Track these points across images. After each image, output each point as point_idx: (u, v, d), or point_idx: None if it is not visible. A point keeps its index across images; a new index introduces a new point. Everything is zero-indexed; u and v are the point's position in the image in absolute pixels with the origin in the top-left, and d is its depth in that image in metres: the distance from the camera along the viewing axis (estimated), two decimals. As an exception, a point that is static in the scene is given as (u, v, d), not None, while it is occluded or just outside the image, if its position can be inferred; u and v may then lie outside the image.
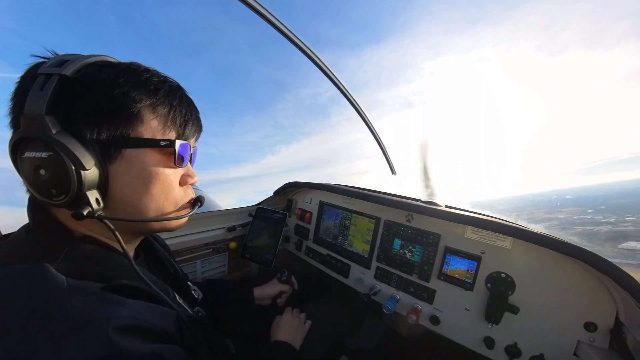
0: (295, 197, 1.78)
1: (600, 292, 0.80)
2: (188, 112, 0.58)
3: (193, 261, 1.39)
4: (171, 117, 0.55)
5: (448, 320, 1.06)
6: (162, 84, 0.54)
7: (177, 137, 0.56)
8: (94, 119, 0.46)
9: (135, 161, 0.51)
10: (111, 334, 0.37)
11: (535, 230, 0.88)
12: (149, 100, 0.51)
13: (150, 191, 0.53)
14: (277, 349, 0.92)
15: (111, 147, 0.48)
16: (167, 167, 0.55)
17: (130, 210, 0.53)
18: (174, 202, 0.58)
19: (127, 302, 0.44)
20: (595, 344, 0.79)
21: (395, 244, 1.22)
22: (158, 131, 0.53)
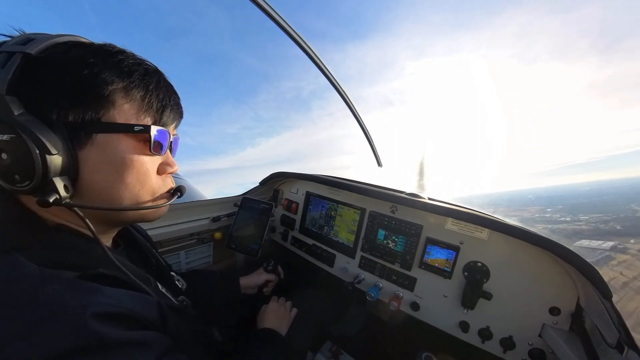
0: (282, 187, 1.77)
1: (564, 280, 0.86)
2: (166, 97, 0.56)
3: (177, 252, 1.37)
4: (147, 101, 0.52)
5: (427, 307, 1.11)
6: (137, 66, 0.51)
7: (153, 122, 0.53)
8: (61, 101, 0.44)
9: (107, 147, 0.48)
10: (89, 321, 0.36)
11: (510, 223, 0.93)
12: (121, 83, 0.48)
13: (124, 179, 0.50)
14: (263, 335, 0.94)
15: (81, 131, 0.45)
16: (142, 154, 0.52)
17: (104, 198, 0.50)
18: (150, 191, 0.56)
19: (105, 290, 0.43)
20: (558, 327, 0.86)
21: (380, 235, 1.25)
22: (132, 116, 0.50)
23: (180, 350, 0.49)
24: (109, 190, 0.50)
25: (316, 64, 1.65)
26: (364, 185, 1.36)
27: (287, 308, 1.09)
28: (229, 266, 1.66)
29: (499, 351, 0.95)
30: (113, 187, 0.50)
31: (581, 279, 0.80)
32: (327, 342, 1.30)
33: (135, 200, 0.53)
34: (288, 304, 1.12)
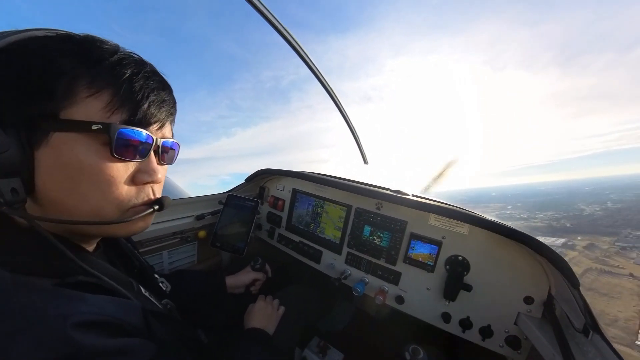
0: (268, 184, 1.75)
1: (537, 271, 0.92)
2: (146, 91, 0.47)
3: (159, 252, 1.33)
4: (119, 96, 0.44)
5: (411, 300, 1.15)
6: (109, 54, 0.45)
7: (124, 121, 0.45)
8: (9, 93, 0.39)
9: (63, 148, 0.41)
10: (69, 331, 0.35)
11: (489, 219, 0.97)
12: (85, 72, 0.42)
13: (79, 187, 0.43)
14: (250, 335, 0.93)
15: (36, 128, 0.40)
16: (105, 158, 0.44)
17: (59, 208, 0.44)
18: (115, 202, 0.47)
19: (86, 297, 0.41)
20: (531, 315, 0.92)
21: (365, 231, 1.27)
22: (97, 113, 0.43)
23: (166, 356, 0.48)
24: (64, 200, 0.44)
25: (300, 55, 1.62)
26: (350, 182, 1.37)
27: (274, 306, 1.09)
28: (214, 265, 1.63)
29: (478, 339, 1.00)
30: (67, 197, 0.44)
31: (552, 270, 0.86)
32: (314, 338, 1.31)
33: (97, 213, 0.46)
34: (275, 302, 1.12)
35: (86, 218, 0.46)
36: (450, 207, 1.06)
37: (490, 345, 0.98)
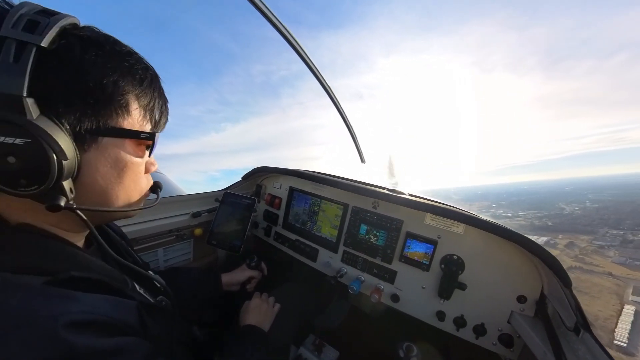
0: (265, 182, 1.75)
1: (530, 271, 0.93)
2: (164, 104, 0.59)
3: (154, 249, 1.32)
4: (150, 108, 0.54)
5: (406, 298, 1.16)
6: (145, 72, 0.53)
7: (152, 127, 0.56)
8: (78, 106, 0.43)
9: (111, 150, 0.49)
10: (61, 332, 0.34)
11: (484, 219, 0.98)
12: (135, 91, 0.50)
13: (123, 181, 0.53)
14: (246, 333, 0.93)
15: (86, 134, 0.45)
16: (139, 156, 0.55)
17: (98, 199, 0.51)
18: (139, 190, 0.58)
19: (79, 296, 0.41)
20: (524, 313, 0.94)
21: (362, 229, 1.28)
22: (137, 122, 0.52)
23: (161, 354, 0.48)
24: (108, 192, 0.51)
25: (295, 49, 1.57)
26: (347, 181, 1.37)
27: (269, 304, 1.09)
28: (210, 263, 1.63)
29: (472, 337, 1.01)
30: (112, 189, 0.51)
31: (545, 269, 0.87)
32: (310, 335, 1.32)
33: (128, 200, 0.56)
34: (271, 299, 1.12)
35: (121, 205, 0.54)
36: (447, 207, 1.06)
37: (484, 343, 1.00)
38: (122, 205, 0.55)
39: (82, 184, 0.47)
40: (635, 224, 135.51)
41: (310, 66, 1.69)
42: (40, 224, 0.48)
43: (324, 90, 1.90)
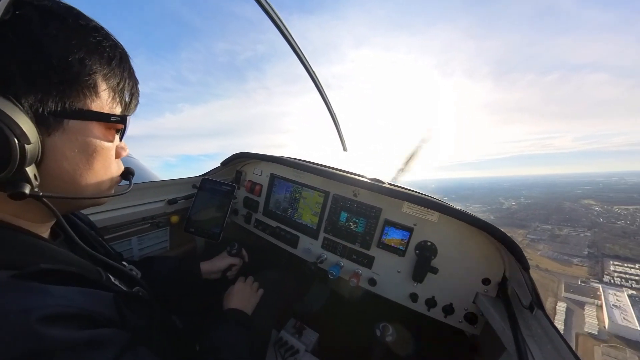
0: (245, 168, 1.71)
1: (495, 256, 1.01)
2: (134, 85, 0.56)
3: (127, 238, 1.26)
4: (119, 89, 0.51)
5: (383, 282, 1.22)
6: (114, 50, 0.49)
7: (122, 110, 0.53)
8: (40, 86, 0.39)
9: (79, 134, 0.46)
10: (34, 325, 0.33)
11: (457, 208, 1.04)
12: (103, 71, 0.47)
13: (93, 167, 0.50)
14: (229, 316, 0.95)
15: (50, 117, 0.42)
16: (109, 141, 0.52)
17: (65, 186, 0.48)
18: (110, 176, 0.55)
19: (51, 289, 0.39)
20: (488, 294, 1.03)
21: (342, 217, 1.31)
22: (107, 104, 0.49)
23: (140, 343, 0.47)
24: (76, 178, 0.48)
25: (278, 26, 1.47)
26: (329, 169, 1.38)
27: (253, 288, 1.10)
28: (188, 251, 1.60)
29: (441, 316, 1.10)
30: (81, 175, 0.49)
31: (508, 254, 0.95)
32: (291, 319, 1.36)
33: (99, 187, 0.53)
34: (255, 284, 1.13)
35: (91, 192, 0.52)
36: (423, 196, 1.11)
37: (451, 321, 1.09)
38: (92, 193, 0.52)
39: (48, 170, 0.44)
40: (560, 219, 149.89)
41: (294, 46, 1.60)
42: (1, 214, 0.45)
43: (308, 74, 1.83)
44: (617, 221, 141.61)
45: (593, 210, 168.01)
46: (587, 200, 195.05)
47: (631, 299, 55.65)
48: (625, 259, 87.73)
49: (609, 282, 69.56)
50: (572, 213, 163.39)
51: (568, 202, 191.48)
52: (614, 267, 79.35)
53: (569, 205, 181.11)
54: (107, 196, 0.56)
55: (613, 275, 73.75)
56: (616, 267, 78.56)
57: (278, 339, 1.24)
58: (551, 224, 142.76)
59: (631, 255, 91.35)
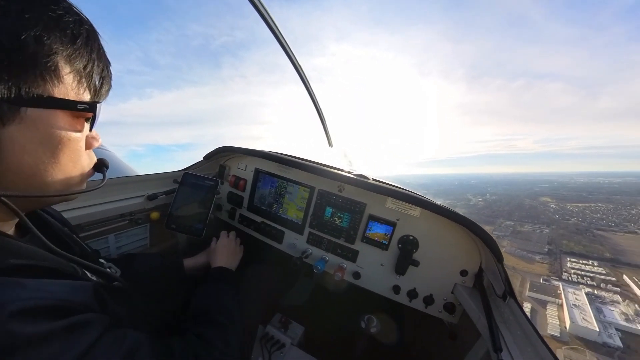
0: (229, 163, 1.67)
1: (472, 249, 1.07)
2: (105, 67, 0.50)
3: (104, 236, 1.21)
4: (87, 73, 0.46)
5: (367, 275, 1.25)
6: (78, 27, 0.43)
7: (91, 96, 0.48)
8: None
9: (40, 124, 0.41)
10: (7, 320, 0.32)
11: (438, 203, 1.07)
12: (66, 51, 0.41)
13: (59, 160, 0.45)
14: (217, 275, 0.96)
15: (4, 104, 0.37)
16: (77, 131, 0.47)
17: (29, 182, 0.43)
18: (80, 169, 0.51)
19: (25, 282, 0.38)
20: (465, 285, 1.08)
21: (327, 212, 1.32)
22: (72, 90, 0.44)
23: (122, 327, 0.47)
24: (40, 173, 0.44)
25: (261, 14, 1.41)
26: (314, 164, 1.38)
27: (237, 243, 1.12)
28: (170, 248, 1.55)
29: (421, 307, 1.15)
30: (45, 170, 0.44)
31: (484, 247, 1.00)
32: (276, 314, 1.36)
33: (67, 182, 0.49)
34: (237, 239, 1.14)
35: (58, 189, 0.48)
36: (406, 192, 1.14)
37: (431, 311, 1.14)
38: (60, 189, 0.48)
39: (6, 165, 0.40)
40: (522, 216, 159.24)
41: (278, 36, 1.55)
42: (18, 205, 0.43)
43: (293, 65, 1.79)
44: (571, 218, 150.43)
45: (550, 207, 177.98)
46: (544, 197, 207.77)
47: (588, 297, 56.97)
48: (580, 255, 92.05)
49: (567, 280, 71.28)
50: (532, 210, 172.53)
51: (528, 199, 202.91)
52: (570, 264, 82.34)
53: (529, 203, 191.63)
54: (78, 192, 0.52)
55: (570, 272, 76.41)
56: (573, 264, 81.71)
57: (264, 334, 1.25)
58: (514, 220, 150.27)
59: (585, 252, 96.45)
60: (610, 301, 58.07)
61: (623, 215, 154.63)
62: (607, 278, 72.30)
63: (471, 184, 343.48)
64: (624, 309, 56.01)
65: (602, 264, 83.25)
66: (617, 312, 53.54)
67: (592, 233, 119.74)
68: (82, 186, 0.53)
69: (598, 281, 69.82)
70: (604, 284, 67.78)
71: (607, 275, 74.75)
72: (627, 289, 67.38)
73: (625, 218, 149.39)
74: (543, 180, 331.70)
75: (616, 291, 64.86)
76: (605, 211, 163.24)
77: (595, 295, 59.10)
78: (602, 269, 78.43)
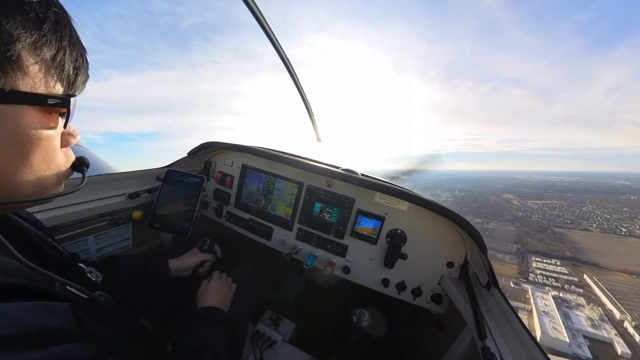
0: (214, 159, 1.63)
1: (458, 241, 1.10)
2: (80, 55, 0.45)
3: (83, 237, 1.15)
4: (57, 63, 0.41)
5: (356, 269, 1.26)
6: (44, 9, 0.38)
7: (65, 89, 0.44)
8: None
9: (5, 122, 0.37)
10: None
11: (425, 197, 1.09)
12: (30, 38, 0.36)
13: (30, 161, 0.41)
14: (206, 314, 0.91)
15: None
16: (49, 127, 0.42)
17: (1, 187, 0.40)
18: (56, 170, 0.47)
19: None
20: (451, 276, 1.11)
21: (316, 207, 1.31)
22: (40, 82, 0.39)
23: (108, 354, 0.44)
24: (7, 176, 0.39)
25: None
26: (303, 159, 1.37)
27: (229, 284, 1.07)
28: (154, 248, 1.50)
29: (410, 298, 1.17)
30: (14, 172, 0.40)
31: (469, 239, 1.03)
32: (267, 311, 1.36)
33: (40, 184, 0.44)
34: (229, 280, 1.10)
35: (31, 192, 0.43)
36: (394, 187, 1.15)
37: (419, 302, 1.17)
38: (33, 192, 0.44)
39: None
40: (488, 213, 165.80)
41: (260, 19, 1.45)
42: None
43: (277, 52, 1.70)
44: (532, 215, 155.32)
45: (513, 204, 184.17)
46: (507, 194, 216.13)
47: (556, 301, 55.09)
48: (544, 254, 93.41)
49: (534, 281, 70.20)
50: (497, 207, 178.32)
51: (493, 196, 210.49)
52: (536, 263, 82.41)
53: (494, 199, 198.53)
54: (55, 195, 0.48)
55: (536, 273, 75.76)
56: (538, 264, 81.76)
57: (255, 331, 1.24)
58: (481, 217, 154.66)
59: (548, 251, 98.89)
60: (575, 304, 57.18)
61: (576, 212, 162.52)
62: (570, 278, 72.38)
63: (441, 180, 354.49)
64: (589, 313, 55.52)
65: (564, 263, 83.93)
66: (583, 316, 53.03)
67: (552, 231, 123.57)
68: (59, 188, 0.49)
69: (562, 282, 69.44)
70: (567, 285, 67.50)
71: (569, 275, 75.18)
72: (589, 289, 67.55)
73: (578, 215, 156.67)
74: (505, 177, 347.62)
75: (579, 292, 64.41)
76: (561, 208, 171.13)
77: (562, 299, 57.99)
78: (565, 268, 79.40)
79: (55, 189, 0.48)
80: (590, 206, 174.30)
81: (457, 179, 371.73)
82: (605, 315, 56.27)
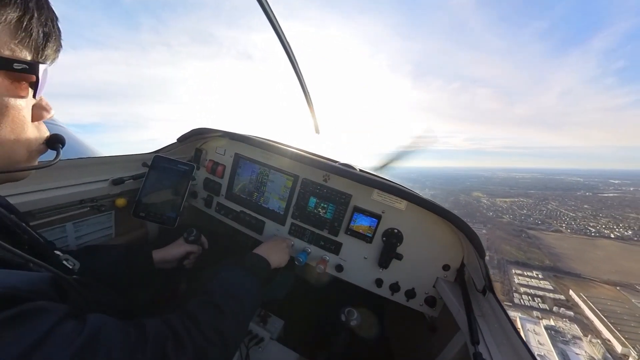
0: (206, 146, 1.55)
1: (455, 244, 1.07)
2: (50, 20, 0.43)
3: (60, 224, 1.08)
4: (24, 26, 0.39)
5: (350, 268, 1.23)
6: None
7: (33, 55, 0.42)
8: None
9: None
10: None
11: (424, 197, 1.06)
12: None
13: None
14: (251, 260, 0.94)
15: None
16: (16, 96, 0.41)
17: None
18: (25, 143, 0.45)
19: None
20: (447, 279, 1.09)
21: (311, 202, 1.26)
22: (3, 44, 0.37)
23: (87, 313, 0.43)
24: None
25: None
26: (300, 151, 1.31)
27: (288, 244, 1.15)
28: (138, 238, 1.43)
29: (403, 300, 1.15)
30: None
31: (467, 243, 1.00)
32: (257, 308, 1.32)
33: (9, 158, 0.43)
34: (288, 240, 1.18)
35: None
36: (393, 185, 1.11)
37: (413, 304, 1.14)
38: (3, 167, 0.42)
39: None
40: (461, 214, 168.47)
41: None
42: None
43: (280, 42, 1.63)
44: (503, 215, 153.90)
45: (482, 203, 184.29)
46: (476, 192, 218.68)
47: (550, 335, 45.42)
48: (524, 265, 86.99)
49: (520, 304, 61.87)
50: (468, 207, 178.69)
51: (463, 194, 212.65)
52: (517, 278, 74.01)
53: (464, 198, 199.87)
54: (24, 169, 0.45)
55: (521, 292, 66.93)
56: (519, 279, 73.59)
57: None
58: None
59: (526, 260, 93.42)
60: (572, 337, 48.72)
61: (543, 210, 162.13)
62: (557, 297, 64.74)
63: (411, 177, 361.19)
64: (589, 348, 47.86)
65: (545, 274, 78.84)
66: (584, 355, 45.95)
67: (527, 234, 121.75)
68: (31, 162, 0.47)
69: (550, 303, 61.54)
70: (557, 307, 59.53)
71: (554, 292, 67.46)
72: (579, 310, 59.89)
73: (546, 214, 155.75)
74: (472, 175, 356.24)
75: (570, 317, 55.80)
76: (529, 207, 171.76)
77: (556, 330, 48.80)
78: (548, 282, 72.90)
79: (25, 163, 0.45)
80: (554, 203, 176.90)
81: (427, 175, 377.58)
82: (608, 352, 49.89)
